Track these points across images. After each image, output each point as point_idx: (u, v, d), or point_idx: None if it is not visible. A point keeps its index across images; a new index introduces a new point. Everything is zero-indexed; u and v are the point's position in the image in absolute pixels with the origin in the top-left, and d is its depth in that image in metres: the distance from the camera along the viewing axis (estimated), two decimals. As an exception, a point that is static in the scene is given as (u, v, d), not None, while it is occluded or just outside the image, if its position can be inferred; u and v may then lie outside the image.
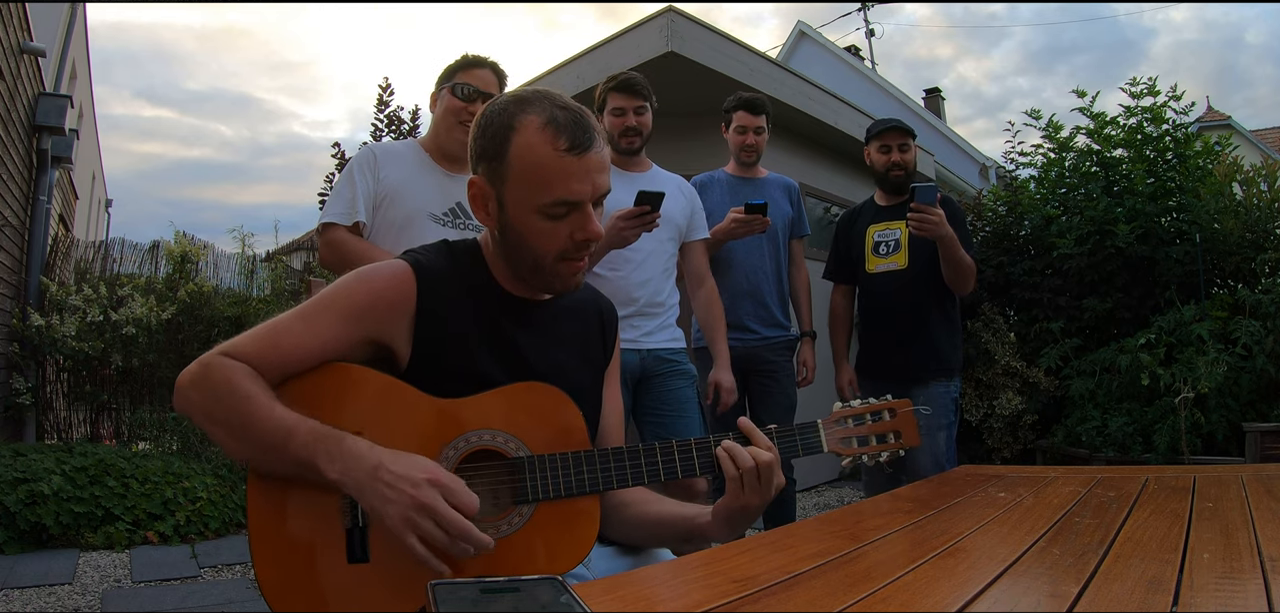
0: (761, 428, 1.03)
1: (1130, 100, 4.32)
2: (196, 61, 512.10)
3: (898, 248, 2.56)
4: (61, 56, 5.64)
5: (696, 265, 2.33)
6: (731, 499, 0.97)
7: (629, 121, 2.20)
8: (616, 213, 1.87)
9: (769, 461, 0.96)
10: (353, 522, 0.88)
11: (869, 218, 2.66)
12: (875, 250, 2.61)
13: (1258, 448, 3.41)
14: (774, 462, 0.97)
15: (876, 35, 16.01)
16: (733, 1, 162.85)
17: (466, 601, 0.61)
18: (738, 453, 0.97)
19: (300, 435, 0.85)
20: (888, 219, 2.61)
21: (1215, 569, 0.76)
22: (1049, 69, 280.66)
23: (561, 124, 0.94)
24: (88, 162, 9.44)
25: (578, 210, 0.96)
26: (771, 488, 0.97)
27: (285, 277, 5.89)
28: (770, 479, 0.97)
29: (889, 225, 2.59)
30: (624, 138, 2.20)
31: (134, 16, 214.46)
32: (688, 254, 2.31)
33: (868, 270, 2.62)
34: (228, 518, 3.45)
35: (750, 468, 0.95)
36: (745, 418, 1.02)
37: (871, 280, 2.62)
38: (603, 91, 2.25)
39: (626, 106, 2.20)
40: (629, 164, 2.25)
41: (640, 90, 2.21)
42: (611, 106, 2.22)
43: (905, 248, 2.53)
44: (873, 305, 2.65)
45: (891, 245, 2.58)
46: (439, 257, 1.03)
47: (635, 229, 1.90)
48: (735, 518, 0.98)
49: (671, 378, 2.16)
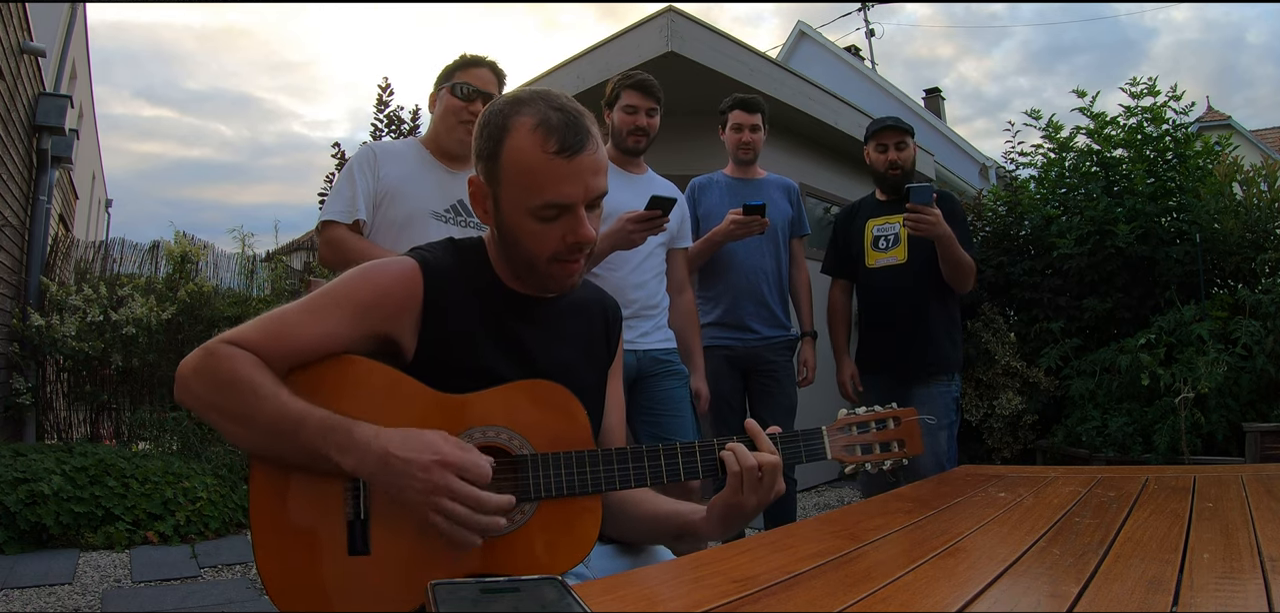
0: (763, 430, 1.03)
1: (1130, 100, 4.33)
2: (196, 61, 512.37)
3: (897, 242, 2.56)
4: (61, 56, 5.64)
5: (679, 274, 2.35)
6: (730, 495, 0.97)
7: (639, 121, 2.20)
8: (627, 215, 1.88)
9: (772, 464, 0.97)
10: (354, 514, 0.88)
11: (868, 212, 2.66)
12: (875, 245, 2.61)
13: (1258, 448, 3.41)
14: (777, 466, 0.97)
15: (877, 35, 16.03)
16: (733, 1, 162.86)
17: (466, 601, 0.61)
18: (742, 452, 0.97)
19: (310, 426, 0.85)
20: (887, 213, 2.60)
21: (1215, 569, 0.76)
22: (1050, 69, 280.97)
23: (553, 126, 0.94)
24: (88, 162, 9.44)
25: (569, 213, 0.96)
26: (771, 492, 0.97)
27: (285, 277, 5.89)
28: (772, 483, 0.97)
29: (888, 220, 2.59)
30: (631, 136, 2.21)
31: (134, 16, 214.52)
32: (672, 261, 2.33)
33: (867, 265, 2.62)
34: (228, 518, 3.45)
35: (752, 467, 0.96)
36: (751, 420, 1.02)
37: (871, 275, 2.62)
38: (616, 86, 2.25)
39: (639, 106, 2.21)
40: (628, 164, 2.25)
41: (655, 93, 2.22)
42: (624, 103, 2.22)
43: (905, 242, 2.53)
44: (872, 300, 2.65)
45: (891, 240, 2.57)
46: (445, 254, 1.03)
47: (644, 233, 1.90)
48: (730, 517, 0.98)
49: (666, 379, 2.17)
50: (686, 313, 2.36)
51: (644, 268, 2.15)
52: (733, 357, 2.59)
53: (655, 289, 2.20)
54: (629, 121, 2.20)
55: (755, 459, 0.96)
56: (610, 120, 2.25)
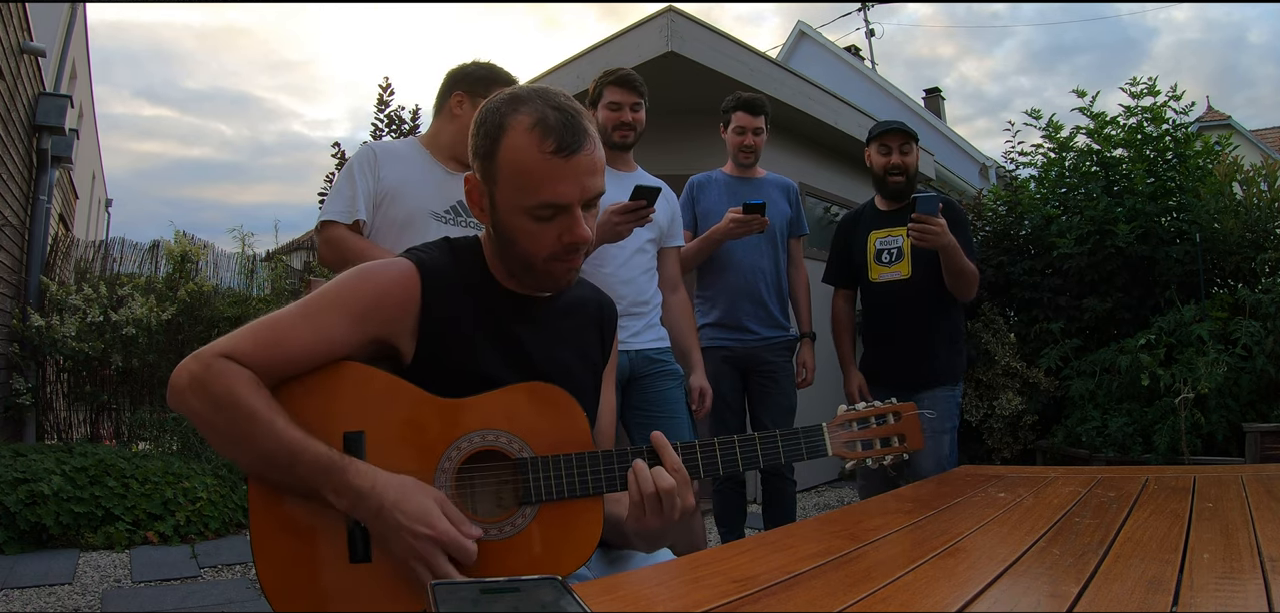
0: (762, 430, 1.03)
1: (1130, 100, 4.33)
2: (196, 60, 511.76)
3: (901, 258, 2.52)
4: (61, 56, 5.64)
5: (671, 272, 2.33)
6: (634, 522, 0.94)
7: (624, 117, 2.21)
8: (611, 207, 1.87)
9: (670, 487, 0.92)
10: (355, 521, 0.88)
11: (870, 223, 2.62)
12: (878, 259, 2.57)
13: (1258, 448, 3.41)
14: (675, 488, 0.92)
15: (877, 35, 16.01)
16: (733, 1, 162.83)
17: (466, 601, 0.61)
18: (642, 475, 0.93)
19: (305, 461, 0.85)
20: (890, 226, 2.56)
21: (1215, 569, 0.76)
22: (1051, 68, 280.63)
23: (551, 125, 0.93)
24: (88, 161, 9.44)
25: (565, 213, 0.95)
26: (675, 511, 0.93)
27: (285, 277, 5.89)
28: (673, 505, 0.92)
29: (891, 233, 2.55)
30: (618, 132, 2.20)
31: (134, 16, 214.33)
32: (663, 260, 2.31)
33: (871, 279, 2.58)
34: (228, 518, 3.45)
35: (651, 493, 0.92)
36: (659, 433, 0.97)
37: (874, 289, 2.59)
38: (599, 85, 2.25)
39: (623, 102, 2.21)
40: (617, 161, 2.24)
41: (638, 87, 2.22)
42: (608, 100, 2.22)
43: (909, 258, 2.50)
44: (876, 315, 2.62)
45: (894, 254, 2.54)
46: (442, 255, 1.03)
47: (629, 224, 1.90)
48: (643, 536, 0.97)
49: (660, 378, 2.16)
50: (682, 311, 2.34)
51: (632, 264, 2.14)
52: (731, 357, 2.58)
53: (644, 286, 2.18)
54: (614, 118, 2.20)
55: (654, 483, 0.92)
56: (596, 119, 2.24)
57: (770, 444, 1.02)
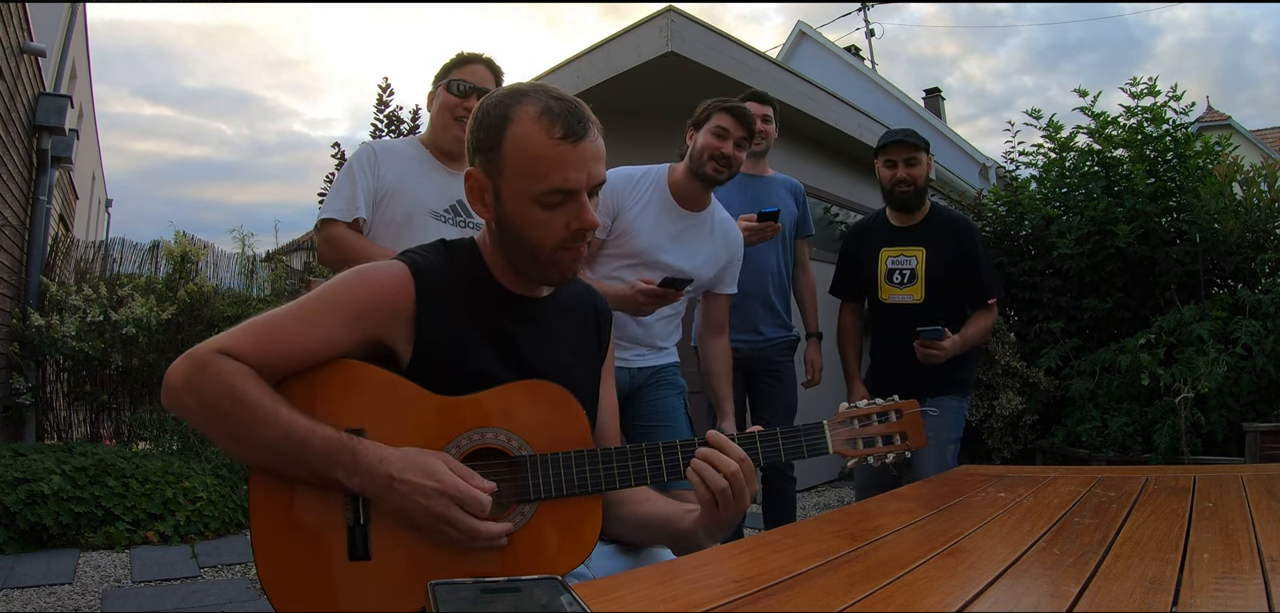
0: (763, 428, 1.03)
1: (1131, 100, 4.33)
2: (196, 59, 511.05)
3: (913, 280, 2.46)
4: (61, 56, 5.64)
5: (718, 317, 2.18)
6: (707, 518, 0.97)
7: (726, 148, 1.96)
8: (641, 288, 1.79)
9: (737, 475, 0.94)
10: (354, 520, 0.88)
11: (881, 238, 2.53)
12: (889, 278, 2.50)
13: (1258, 448, 3.41)
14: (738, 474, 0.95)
15: (877, 35, 16.00)
16: (734, 1, 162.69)
17: (466, 601, 0.61)
18: (708, 475, 0.95)
19: (314, 447, 0.85)
20: (902, 243, 2.48)
21: (1215, 569, 0.76)
22: (1054, 67, 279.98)
23: (556, 113, 0.94)
24: (88, 161, 9.45)
25: (573, 199, 0.96)
26: (745, 498, 0.96)
27: (285, 277, 5.89)
28: (742, 490, 0.95)
29: (904, 252, 2.48)
30: (712, 163, 1.96)
31: (133, 15, 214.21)
32: (712, 303, 2.16)
33: (881, 299, 2.52)
34: (228, 518, 3.45)
35: (723, 488, 0.94)
36: (715, 431, 0.99)
37: (885, 309, 2.52)
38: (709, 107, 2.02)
39: (731, 132, 1.97)
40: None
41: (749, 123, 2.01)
42: (715, 124, 1.97)
43: (922, 281, 2.44)
44: (887, 332, 2.54)
45: (906, 275, 2.47)
46: (436, 256, 1.02)
47: (652, 306, 1.83)
48: (714, 529, 0.98)
49: (660, 388, 2.08)
50: (722, 358, 2.18)
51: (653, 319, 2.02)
52: (737, 359, 2.57)
53: (660, 331, 2.05)
54: (715, 146, 1.94)
55: (724, 479, 0.94)
56: (691, 142, 2.01)
57: (771, 442, 1.02)
